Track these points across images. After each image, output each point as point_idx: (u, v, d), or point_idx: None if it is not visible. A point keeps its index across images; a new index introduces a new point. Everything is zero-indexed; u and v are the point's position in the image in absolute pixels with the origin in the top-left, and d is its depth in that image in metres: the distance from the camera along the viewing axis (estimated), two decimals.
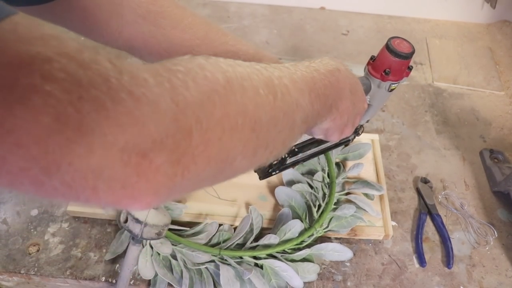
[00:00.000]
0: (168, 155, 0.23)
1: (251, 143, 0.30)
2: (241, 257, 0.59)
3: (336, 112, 0.44)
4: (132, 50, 0.55)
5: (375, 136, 0.78)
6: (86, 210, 0.65)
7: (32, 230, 0.65)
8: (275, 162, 0.58)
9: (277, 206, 0.67)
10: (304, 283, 0.59)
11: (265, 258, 0.59)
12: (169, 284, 0.58)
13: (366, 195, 0.68)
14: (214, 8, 1.10)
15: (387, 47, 0.54)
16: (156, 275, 0.58)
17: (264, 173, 0.58)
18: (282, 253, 0.60)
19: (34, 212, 0.67)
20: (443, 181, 0.75)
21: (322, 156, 0.71)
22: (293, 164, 0.62)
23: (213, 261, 0.59)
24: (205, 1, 1.13)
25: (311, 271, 0.60)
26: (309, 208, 0.65)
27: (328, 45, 1.02)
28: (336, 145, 0.66)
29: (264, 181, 0.70)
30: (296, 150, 0.60)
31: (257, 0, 1.12)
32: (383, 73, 0.55)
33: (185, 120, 0.24)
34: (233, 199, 0.67)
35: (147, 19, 0.51)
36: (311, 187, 0.68)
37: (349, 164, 0.72)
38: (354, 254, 0.64)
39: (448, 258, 0.64)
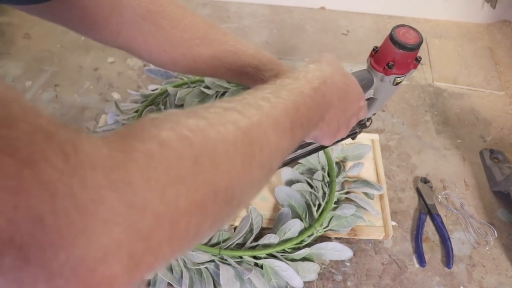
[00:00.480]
0: (123, 264, 0.20)
1: (223, 213, 0.27)
2: (241, 257, 0.59)
3: (323, 123, 0.42)
4: (131, 50, 0.55)
5: (375, 136, 0.78)
6: None
7: None
8: None
9: (277, 206, 0.67)
10: (304, 282, 0.59)
11: (265, 258, 0.59)
12: (169, 284, 0.58)
13: (366, 194, 0.69)
14: (214, 8, 1.10)
15: (391, 37, 0.49)
16: (156, 274, 0.58)
17: None
18: (282, 252, 0.60)
19: None
20: (443, 181, 0.75)
21: (322, 155, 0.71)
22: (292, 160, 0.60)
23: (213, 261, 0.59)
24: (205, 1, 1.13)
25: (311, 271, 0.60)
26: (309, 208, 0.65)
27: (328, 45, 1.02)
28: (342, 139, 0.61)
29: None
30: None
31: (257, 0, 1.12)
32: (386, 67, 0.50)
33: (143, 223, 0.21)
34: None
35: (147, 19, 0.50)
36: (311, 186, 0.68)
37: (349, 163, 0.72)
38: (354, 254, 0.64)
39: (448, 258, 0.64)
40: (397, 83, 0.53)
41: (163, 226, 0.22)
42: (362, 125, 0.61)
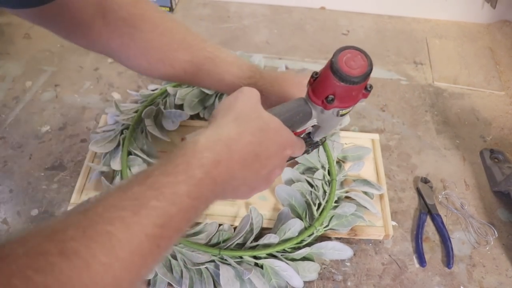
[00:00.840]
0: None
1: None
2: (241, 257, 0.59)
3: (223, 197, 0.37)
4: (111, 53, 0.55)
5: (376, 136, 0.78)
6: None
7: None
8: None
9: (277, 206, 0.67)
10: (305, 282, 0.59)
11: (265, 258, 0.59)
12: (169, 284, 0.58)
13: (366, 193, 0.68)
14: (214, 8, 1.10)
15: (331, 66, 0.38)
16: (156, 275, 0.58)
17: None
18: (282, 252, 0.60)
19: (35, 212, 0.67)
20: (443, 181, 0.75)
21: (322, 154, 0.71)
22: None
23: (213, 261, 0.59)
24: (205, 1, 1.13)
25: (311, 270, 0.60)
26: (309, 207, 0.65)
27: (328, 45, 1.02)
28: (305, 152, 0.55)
29: None
30: None
31: (257, 0, 1.12)
32: (324, 100, 0.41)
33: None
34: (228, 199, 0.67)
35: (127, 21, 0.51)
36: (311, 185, 0.67)
37: (349, 163, 0.72)
38: (354, 254, 0.64)
39: (448, 258, 0.64)
40: (343, 115, 0.44)
41: None
42: (314, 144, 0.54)
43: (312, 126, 0.49)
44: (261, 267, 0.59)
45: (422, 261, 0.63)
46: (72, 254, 0.24)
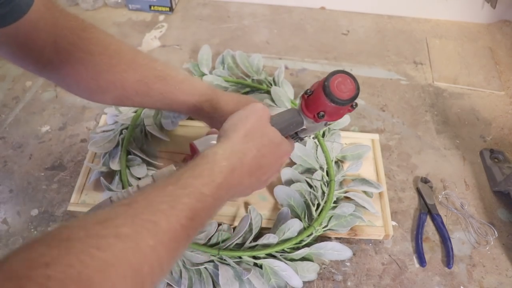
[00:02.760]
0: None
1: None
2: (240, 257, 0.59)
3: (237, 196, 0.46)
4: (60, 79, 0.54)
5: (375, 136, 0.78)
6: (86, 209, 0.65)
7: (32, 230, 0.65)
8: None
9: (276, 206, 0.67)
10: (304, 282, 0.59)
11: (264, 258, 0.59)
12: (168, 284, 0.58)
13: (365, 193, 0.68)
14: (214, 8, 1.10)
15: (324, 88, 0.45)
16: None
17: None
18: (282, 252, 0.60)
19: (35, 212, 0.67)
20: (443, 181, 0.75)
21: (321, 155, 0.71)
22: None
23: (212, 261, 0.59)
24: (205, 1, 1.13)
25: (310, 270, 0.60)
26: (308, 207, 0.65)
27: (328, 45, 1.02)
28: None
29: None
30: None
31: (257, 0, 1.12)
32: (316, 115, 0.48)
33: None
34: (233, 199, 0.67)
35: (77, 45, 0.51)
36: (310, 186, 0.67)
37: (348, 163, 0.72)
38: (354, 254, 0.63)
39: (448, 258, 0.64)
40: (330, 124, 0.54)
41: None
42: (300, 138, 0.59)
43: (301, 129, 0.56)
44: (260, 267, 0.59)
45: (422, 261, 0.63)
46: (125, 237, 0.29)
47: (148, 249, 0.30)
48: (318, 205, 0.65)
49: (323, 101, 0.46)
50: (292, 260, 0.60)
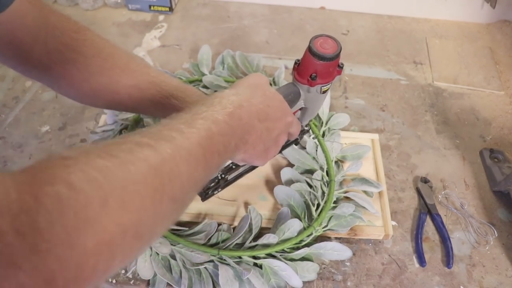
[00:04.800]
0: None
1: (133, 249, 0.28)
2: (240, 257, 0.59)
3: (246, 146, 0.44)
4: (51, 80, 0.53)
5: (375, 136, 0.78)
6: None
7: None
8: (212, 184, 0.58)
9: (276, 206, 0.67)
10: (304, 282, 0.59)
11: (264, 258, 0.59)
12: (168, 284, 0.58)
13: (365, 192, 0.68)
14: (214, 8, 1.10)
15: (310, 49, 0.50)
16: (155, 275, 0.58)
17: (203, 195, 0.58)
18: (281, 252, 0.60)
19: None
20: (443, 181, 0.75)
21: (320, 155, 0.71)
22: (236, 178, 0.62)
23: (212, 261, 0.59)
24: (205, 1, 1.13)
25: (310, 270, 0.60)
26: (308, 207, 0.65)
27: None
28: (283, 148, 0.64)
29: (264, 181, 0.70)
30: (233, 166, 0.59)
31: (257, 0, 1.12)
32: (309, 78, 0.51)
33: (47, 267, 0.22)
34: (232, 199, 0.67)
35: (69, 46, 0.50)
36: (310, 186, 0.67)
37: (348, 163, 0.72)
38: (354, 254, 0.63)
39: (448, 258, 0.64)
40: (324, 91, 0.54)
41: (69, 268, 0.23)
42: (301, 131, 0.61)
43: (300, 109, 0.58)
44: (260, 267, 0.59)
45: (422, 261, 0.63)
46: (146, 145, 0.31)
47: (167, 156, 0.31)
48: (318, 205, 0.65)
49: (312, 62, 0.50)
50: (292, 260, 0.60)
